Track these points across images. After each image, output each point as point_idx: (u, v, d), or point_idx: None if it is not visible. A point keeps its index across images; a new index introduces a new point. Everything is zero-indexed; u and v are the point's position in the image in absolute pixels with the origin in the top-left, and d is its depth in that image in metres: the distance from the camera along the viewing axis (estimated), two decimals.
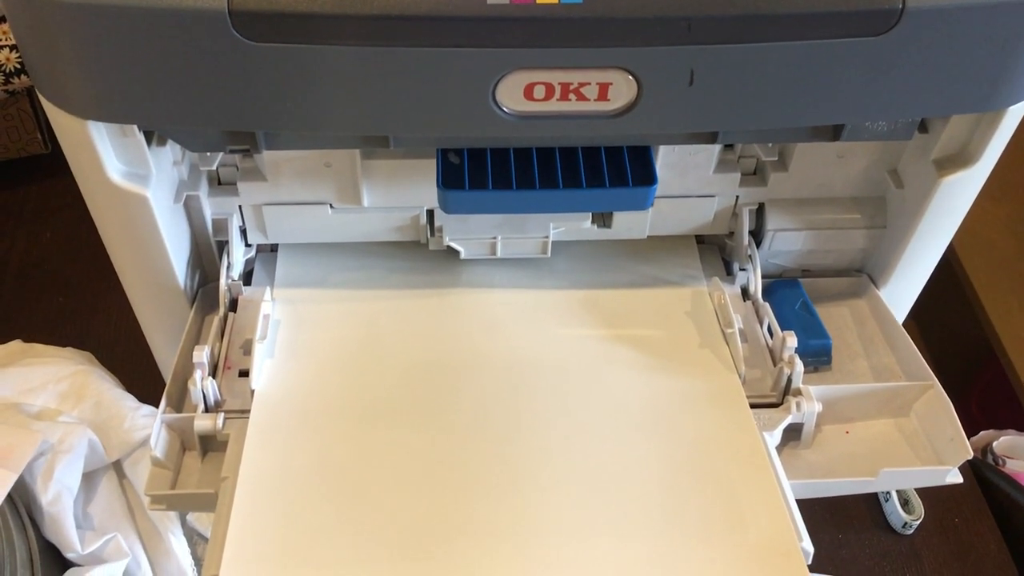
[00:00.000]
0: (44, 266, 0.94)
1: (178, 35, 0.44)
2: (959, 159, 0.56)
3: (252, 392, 0.56)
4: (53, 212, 1.00)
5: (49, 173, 1.02)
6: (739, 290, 0.66)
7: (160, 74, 0.46)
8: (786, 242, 0.65)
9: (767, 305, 0.62)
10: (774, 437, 0.56)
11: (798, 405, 0.56)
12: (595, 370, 0.59)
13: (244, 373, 0.58)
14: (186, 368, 0.57)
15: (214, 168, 0.59)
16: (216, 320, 0.60)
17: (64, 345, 0.72)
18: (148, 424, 0.65)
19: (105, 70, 0.46)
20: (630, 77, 0.47)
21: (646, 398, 0.57)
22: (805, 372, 0.57)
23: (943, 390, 0.57)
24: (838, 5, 0.44)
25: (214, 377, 0.57)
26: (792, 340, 0.57)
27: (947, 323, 1.19)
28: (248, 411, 0.56)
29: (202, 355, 0.55)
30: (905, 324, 0.65)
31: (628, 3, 0.44)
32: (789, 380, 0.57)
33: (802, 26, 0.45)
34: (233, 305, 0.63)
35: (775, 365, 0.59)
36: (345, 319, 0.62)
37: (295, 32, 0.44)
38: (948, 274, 1.15)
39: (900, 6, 0.44)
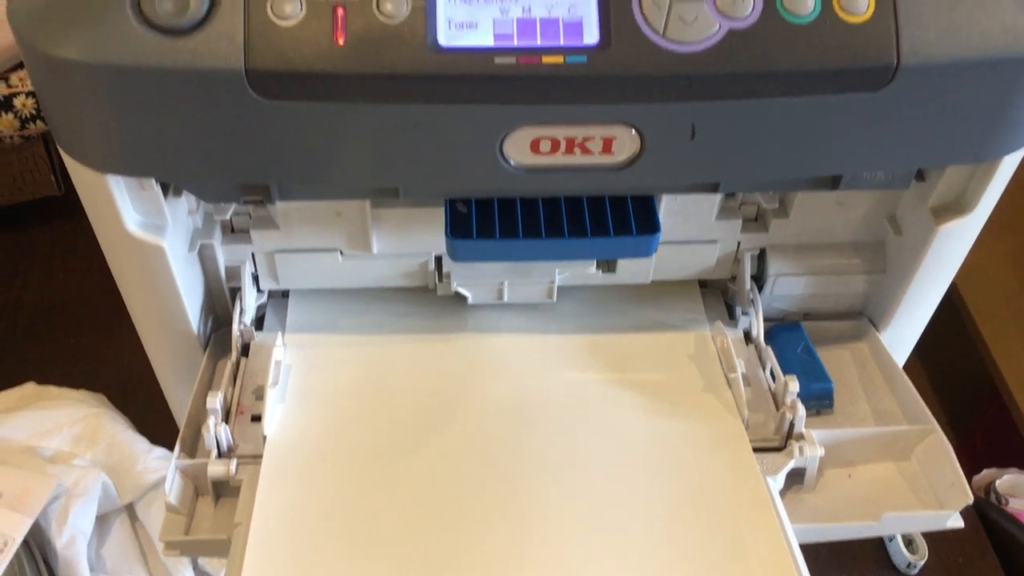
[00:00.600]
0: (57, 307, 0.95)
1: (196, 94, 0.45)
2: (956, 207, 0.57)
3: (264, 438, 0.57)
4: (66, 253, 1.01)
5: (62, 215, 1.04)
6: (742, 334, 0.66)
7: (178, 130, 0.47)
8: (787, 286, 0.65)
9: (769, 349, 0.63)
10: (777, 481, 0.56)
11: (801, 450, 0.56)
12: (600, 413, 0.60)
13: (256, 418, 0.59)
14: (199, 413, 0.58)
15: (228, 217, 0.60)
16: (229, 365, 0.61)
17: (77, 387, 0.73)
18: (161, 467, 0.66)
19: (125, 127, 0.47)
20: (633, 132, 0.48)
21: (650, 441, 0.58)
22: (807, 415, 0.57)
23: (943, 435, 0.57)
24: (835, 63, 0.46)
25: (227, 422, 0.58)
26: (794, 384, 0.58)
27: (950, 358, 1.20)
28: (260, 456, 0.56)
29: (215, 401, 0.56)
30: (908, 360, 0.66)
31: (630, 62, 0.45)
32: (792, 424, 0.58)
33: (800, 82, 0.46)
34: (245, 350, 0.64)
35: (778, 409, 0.60)
36: (355, 364, 0.63)
37: (308, 90, 0.45)
38: (950, 310, 1.16)
39: (895, 63, 0.46)
